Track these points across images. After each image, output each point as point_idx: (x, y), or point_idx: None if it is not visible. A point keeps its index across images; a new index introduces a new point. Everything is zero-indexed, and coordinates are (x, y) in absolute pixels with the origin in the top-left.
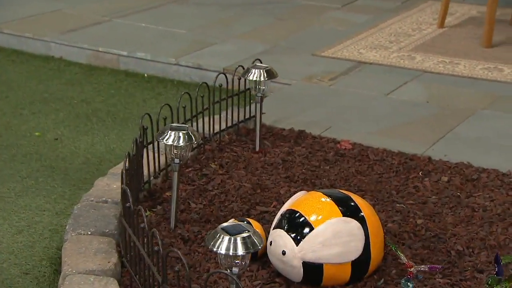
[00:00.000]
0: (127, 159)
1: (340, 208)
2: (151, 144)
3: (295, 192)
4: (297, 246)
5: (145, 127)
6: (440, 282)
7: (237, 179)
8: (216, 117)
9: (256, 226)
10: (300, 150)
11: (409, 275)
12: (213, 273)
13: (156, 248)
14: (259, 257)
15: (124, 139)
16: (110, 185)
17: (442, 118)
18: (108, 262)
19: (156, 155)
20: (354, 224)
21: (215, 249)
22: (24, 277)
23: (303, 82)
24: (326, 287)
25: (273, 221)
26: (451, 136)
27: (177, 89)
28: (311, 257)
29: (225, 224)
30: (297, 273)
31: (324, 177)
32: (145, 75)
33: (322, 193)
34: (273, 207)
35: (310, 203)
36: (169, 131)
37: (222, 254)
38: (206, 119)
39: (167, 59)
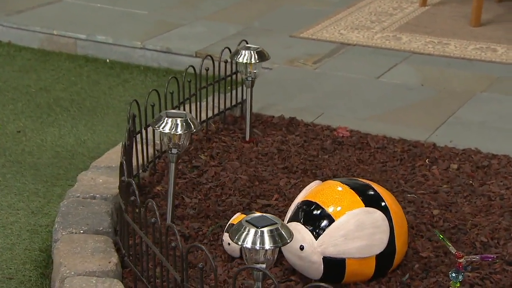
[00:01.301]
0: (124, 150)
1: (361, 197)
2: (139, 134)
3: (295, 184)
4: (316, 240)
5: (133, 115)
6: (469, 276)
7: (232, 170)
8: (201, 104)
9: None
10: (294, 138)
11: (458, 266)
12: (243, 269)
13: (173, 244)
14: None
15: (95, 130)
16: (95, 179)
17: (440, 101)
18: (109, 263)
19: (144, 146)
20: (378, 214)
21: (240, 243)
22: (8, 283)
23: (285, 66)
24: (347, 284)
25: (277, 215)
26: (453, 120)
27: (145, 75)
28: (332, 251)
29: (250, 216)
30: (317, 270)
31: (324, 167)
32: (107, 60)
33: (340, 182)
34: (275, 200)
35: (328, 193)
36: (166, 118)
37: (248, 248)
38: (192, 106)
39: (132, 43)
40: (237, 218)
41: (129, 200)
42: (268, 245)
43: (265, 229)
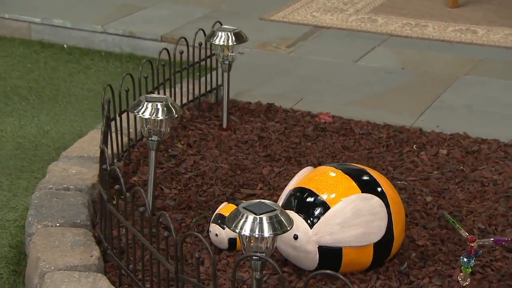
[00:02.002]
0: (103, 137)
1: (356, 183)
2: (113, 121)
3: (279, 172)
4: (311, 228)
5: (107, 100)
6: None
7: (212, 159)
8: (175, 90)
9: None
10: (274, 125)
11: (470, 251)
12: (244, 257)
13: (165, 233)
14: None
15: (58, 120)
16: (67, 170)
17: (423, 85)
18: (91, 256)
19: (119, 134)
20: (375, 201)
21: (237, 231)
22: None
23: (257, 50)
24: (344, 274)
25: None
26: (438, 105)
27: (106, 61)
28: (328, 240)
29: (248, 203)
30: (312, 260)
31: (308, 154)
32: (65, 45)
33: (333, 167)
34: (259, 189)
35: (322, 179)
36: (145, 103)
37: (246, 236)
38: (166, 93)
39: (92, 27)
40: (224, 208)
41: (110, 189)
42: (267, 232)
43: (264, 216)
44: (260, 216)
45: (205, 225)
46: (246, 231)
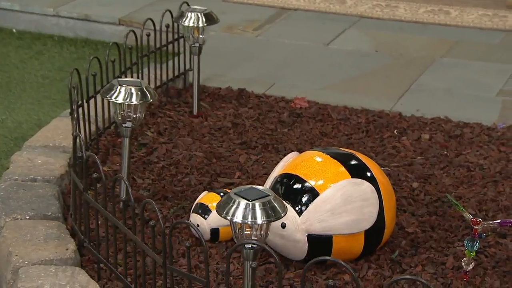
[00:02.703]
0: (76, 123)
1: (346, 168)
2: (80, 108)
3: (257, 160)
4: (299, 216)
5: (74, 86)
6: (462, 251)
7: (185, 147)
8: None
9: None
10: (248, 111)
11: (474, 234)
12: (238, 245)
13: (151, 222)
14: None
15: (13, 109)
16: (33, 160)
17: (399, 68)
18: (66, 250)
19: (87, 122)
20: (366, 186)
21: (229, 217)
22: None
23: (222, 33)
24: (334, 263)
25: None
26: (416, 88)
27: (60, 46)
28: (318, 228)
29: (238, 188)
30: (301, 249)
31: (285, 141)
32: (14, 30)
33: (321, 151)
34: (237, 177)
35: (309, 164)
36: (118, 87)
37: (238, 223)
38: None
39: (43, 10)
40: (204, 197)
41: (86, 177)
42: (260, 219)
43: (257, 202)
44: (253, 202)
45: (184, 215)
46: (238, 218)
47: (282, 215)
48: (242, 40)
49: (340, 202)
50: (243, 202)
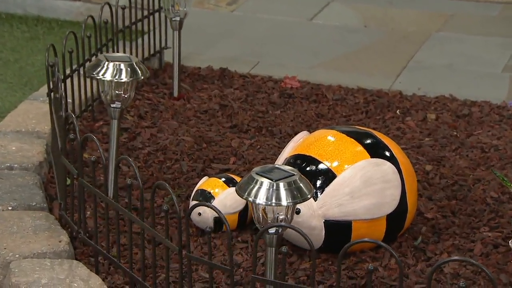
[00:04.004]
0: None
1: (364, 147)
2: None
3: (252, 145)
4: (315, 201)
5: (51, 64)
6: (489, 236)
7: (170, 132)
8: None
9: None
10: (234, 92)
11: None
12: (267, 228)
13: (165, 206)
14: (248, 222)
15: None
16: (6, 147)
17: (392, 44)
18: (59, 242)
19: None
20: (387, 166)
21: (251, 199)
22: None
23: (194, 8)
24: (353, 252)
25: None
26: (414, 65)
27: (10, 25)
28: (336, 213)
29: (260, 168)
30: (317, 236)
31: (279, 124)
32: None
33: (335, 130)
34: (232, 163)
35: (324, 143)
36: (106, 63)
37: (261, 204)
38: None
39: None
40: (205, 182)
41: (81, 161)
42: (285, 200)
43: (281, 182)
44: (277, 182)
45: (180, 204)
46: (261, 200)
47: (309, 196)
48: (216, 16)
49: (360, 185)
50: (266, 182)
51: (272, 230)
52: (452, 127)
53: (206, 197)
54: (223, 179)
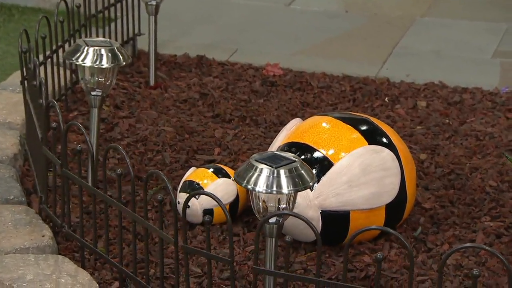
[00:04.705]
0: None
1: (361, 134)
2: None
3: (235, 135)
4: (311, 190)
5: (24, 50)
6: (491, 226)
7: (150, 122)
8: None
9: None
10: (213, 81)
11: None
12: (267, 218)
13: (159, 196)
14: (239, 214)
15: None
16: None
17: (376, 30)
18: (42, 236)
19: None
20: (386, 154)
21: (250, 187)
22: None
23: None
24: (351, 244)
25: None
26: (401, 51)
27: None
28: (333, 203)
29: (260, 154)
30: None
31: (263, 113)
32: None
33: (330, 116)
34: (217, 154)
35: (319, 130)
36: (86, 48)
37: (261, 192)
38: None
39: None
40: (193, 173)
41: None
42: (286, 188)
43: (282, 169)
44: (277, 169)
45: (165, 197)
46: (261, 187)
47: (311, 184)
48: (191, 1)
49: (358, 173)
50: (266, 169)
51: (272, 220)
52: (444, 115)
53: (194, 189)
54: (212, 169)
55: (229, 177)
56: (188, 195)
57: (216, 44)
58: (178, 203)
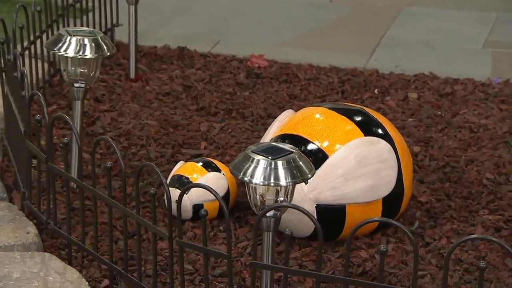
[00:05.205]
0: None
1: (357, 125)
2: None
3: (222, 128)
4: (305, 184)
5: (1, 41)
6: (490, 219)
7: (132, 116)
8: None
9: (227, 171)
10: (196, 73)
11: None
12: (265, 211)
13: (152, 190)
14: (229, 209)
15: None
16: None
17: (362, 20)
18: (27, 233)
19: None
20: (382, 145)
21: (247, 179)
22: None
23: None
24: (346, 238)
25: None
26: (389, 42)
27: None
28: (329, 197)
29: (256, 145)
30: (307, 223)
31: (249, 106)
32: None
33: (323, 106)
34: (204, 148)
35: (313, 122)
36: (68, 37)
37: (258, 185)
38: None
39: None
40: (182, 167)
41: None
42: (284, 180)
43: (280, 160)
44: (275, 160)
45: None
46: (258, 179)
47: (309, 176)
48: None
49: (354, 165)
50: (263, 161)
51: (269, 213)
52: (435, 107)
53: (183, 184)
54: (201, 163)
55: (219, 171)
56: (182, 189)
57: (198, 35)
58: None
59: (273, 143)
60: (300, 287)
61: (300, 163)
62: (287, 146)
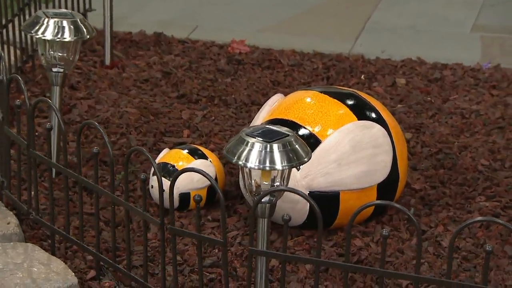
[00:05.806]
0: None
1: (350, 108)
2: None
3: (204, 116)
4: (298, 170)
5: None
6: (487, 206)
7: (110, 103)
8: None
9: (214, 158)
10: (175, 59)
11: None
12: (266, 193)
13: (142, 175)
14: (217, 198)
15: None
16: None
17: (344, 4)
18: (8, 224)
19: None
20: (377, 129)
21: (241, 163)
22: None
23: None
24: (340, 227)
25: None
26: (373, 26)
27: None
28: (322, 183)
29: (250, 128)
30: (300, 211)
31: (232, 93)
32: None
33: (315, 90)
34: (187, 136)
35: (305, 106)
36: (46, 19)
37: (253, 168)
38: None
39: None
40: (167, 155)
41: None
42: (280, 164)
43: (275, 144)
44: (271, 143)
45: (135, 182)
46: (253, 163)
47: (306, 159)
48: None
49: (348, 150)
50: (258, 144)
51: (265, 199)
52: (424, 92)
53: (169, 172)
54: (187, 150)
55: (206, 158)
56: (174, 174)
57: (174, 21)
58: (152, 187)
59: (268, 126)
60: (294, 276)
61: (297, 146)
62: (283, 129)
